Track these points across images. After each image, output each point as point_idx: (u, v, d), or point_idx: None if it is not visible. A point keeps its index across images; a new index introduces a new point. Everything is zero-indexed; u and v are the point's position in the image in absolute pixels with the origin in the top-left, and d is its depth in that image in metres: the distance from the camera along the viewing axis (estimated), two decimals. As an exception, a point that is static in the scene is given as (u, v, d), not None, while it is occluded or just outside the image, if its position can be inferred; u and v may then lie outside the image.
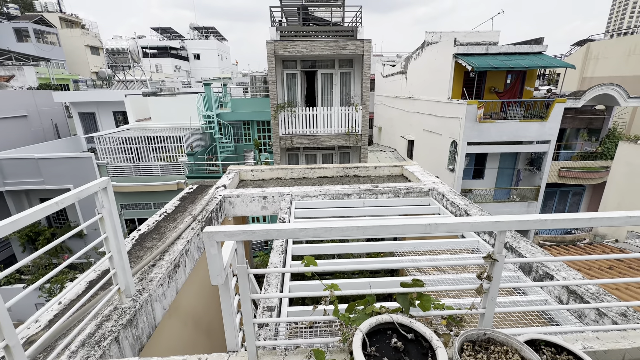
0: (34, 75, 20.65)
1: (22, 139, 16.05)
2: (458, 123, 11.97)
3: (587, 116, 14.64)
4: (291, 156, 12.07)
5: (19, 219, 1.45)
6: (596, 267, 4.82)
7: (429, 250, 3.43)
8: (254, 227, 1.34)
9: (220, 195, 4.84)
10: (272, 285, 2.69)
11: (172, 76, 32.41)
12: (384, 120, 22.17)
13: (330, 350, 1.64)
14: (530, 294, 2.62)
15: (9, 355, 1.46)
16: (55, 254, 12.45)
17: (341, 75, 11.58)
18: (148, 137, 13.17)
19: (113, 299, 2.38)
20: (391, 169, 6.43)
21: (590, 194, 15.60)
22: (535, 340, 1.56)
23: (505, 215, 1.43)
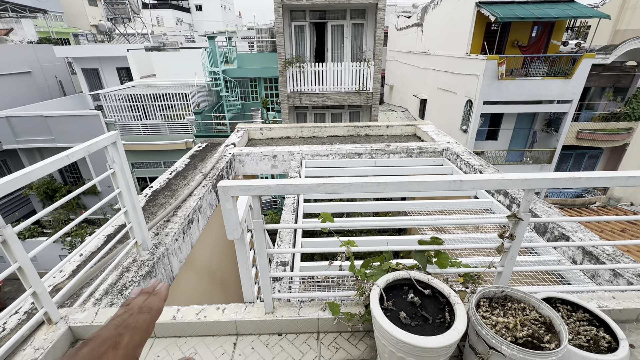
0: (32, 29, 19.90)
1: (28, 96, 15.92)
2: (475, 80, 11.33)
3: (615, 74, 13.66)
4: (299, 115, 11.77)
5: (32, 171, 1.42)
6: (608, 230, 4.79)
7: (441, 210, 3.40)
8: (270, 181, 1.28)
9: (229, 154, 4.80)
10: (285, 242, 2.73)
11: (174, 29, 30.90)
12: (395, 78, 21.16)
13: (344, 304, 1.67)
14: (543, 254, 2.61)
15: (37, 301, 1.52)
16: (72, 210, 12.95)
17: (353, 27, 10.81)
18: (154, 95, 12.92)
19: (131, 251, 2.45)
20: (404, 129, 6.23)
21: (607, 157, 15.12)
22: (550, 298, 1.56)
23: (535, 173, 1.34)
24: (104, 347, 0.37)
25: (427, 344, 1.09)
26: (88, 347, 0.38)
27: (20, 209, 13.81)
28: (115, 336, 0.39)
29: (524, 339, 1.21)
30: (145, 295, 0.48)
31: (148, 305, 0.46)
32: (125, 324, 0.42)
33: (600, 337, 1.36)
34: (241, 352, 1.54)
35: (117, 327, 0.41)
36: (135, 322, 0.42)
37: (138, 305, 0.46)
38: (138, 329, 0.41)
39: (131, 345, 0.39)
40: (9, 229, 1.35)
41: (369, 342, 1.59)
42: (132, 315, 0.43)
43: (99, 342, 0.38)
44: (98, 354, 0.36)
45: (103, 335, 0.39)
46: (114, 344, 0.38)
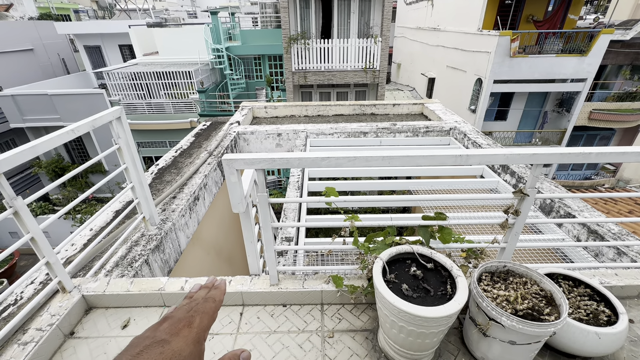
0: (32, 4, 19.52)
1: (31, 74, 15.84)
2: (486, 58, 10.95)
3: (634, 50, 13.06)
4: (304, 94, 11.58)
5: (39, 144, 1.44)
6: (615, 211, 4.74)
7: (446, 189, 3.39)
8: (274, 155, 1.28)
9: (234, 132, 4.78)
10: (290, 219, 2.76)
11: (176, 4, 30.02)
12: (403, 56, 20.53)
13: (347, 277, 1.71)
14: (547, 232, 2.61)
15: (51, 270, 1.58)
16: (81, 188, 13.19)
17: (360, 1, 10.39)
18: (157, 73, 12.75)
19: (139, 226, 2.50)
20: (410, 107, 6.11)
21: (619, 138, 14.76)
22: (553, 274, 1.57)
23: (543, 148, 1.32)
24: (181, 324, 0.44)
25: (427, 314, 1.11)
26: (167, 322, 0.44)
27: (30, 187, 14.09)
28: (188, 317, 0.46)
29: (524, 311, 1.24)
30: (206, 290, 0.55)
31: (212, 297, 0.52)
32: (195, 308, 0.48)
33: (600, 311, 1.38)
34: (247, 321, 1.60)
35: (189, 311, 0.47)
36: (203, 308, 0.49)
37: (202, 296, 0.52)
38: (206, 314, 0.48)
39: (202, 327, 0.46)
40: (19, 201, 1.38)
41: (372, 314, 1.63)
42: (199, 303, 0.50)
43: (176, 319, 0.45)
44: (177, 329, 0.43)
45: (178, 315, 0.46)
46: (189, 323, 0.45)
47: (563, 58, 10.67)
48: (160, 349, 0.39)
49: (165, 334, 0.42)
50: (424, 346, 1.26)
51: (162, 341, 0.40)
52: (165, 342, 0.40)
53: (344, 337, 1.52)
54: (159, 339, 0.40)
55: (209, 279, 0.60)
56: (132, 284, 1.71)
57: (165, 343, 0.40)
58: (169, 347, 0.40)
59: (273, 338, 1.52)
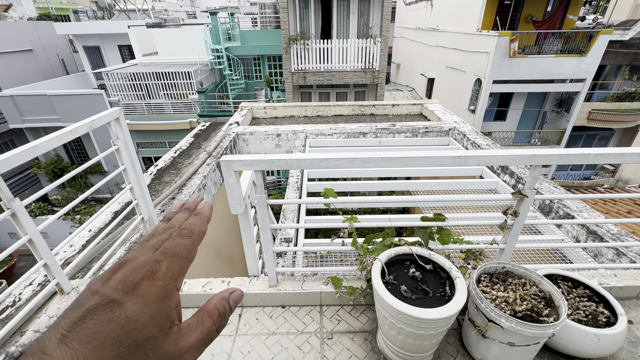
0: (32, 5, 19.50)
1: (31, 75, 15.82)
2: (485, 58, 10.96)
3: (633, 51, 13.09)
4: (304, 94, 11.58)
5: (38, 144, 1.44)
6: (614, 211, 4.75)
7: (446, 190, 3.39)
8: (273, 156, 1.28)
9: (233, 132, 4.77)
10: (289, 220, 2.76)
11: (175, 4, 30.03)
12: (403, 56, 20.55)
13: (346, 278, 1.70)
14: (547, 233, 2.61)
15: (49, 272, 1.57)
16: (81, 189, 13.17)
17: (359, 2, 10.40)
18: (156, 73, 12.74)
19: (138, 227, 2.50)
20: (410, 108, 6.11)
21: (618, 138, 14.78)
22: (552, 275, 1.57)
23: (542, 149, 1.32)
24: (140, 274, 0.32)
25: (426, 316, 1.11)
26: (122, 271, 0.32)
27: (29, 188, 14.06)
28: (152, 263, 0.33)
29: (523, 313, 1.23)
30: (186, 213, 0.40)
31: (189, 227, 0.38)
32: (163, 248, 0.35)
33: (599, 312, 1.37)
34: (246, 323, 1.60)
35: (154, 252, 0.34)
36: (174, 247, 0.35)
37: (180, 223, 0.39)
38: (177, 256, 0.35)
39: (170, 275, 0.33)
40: (17, 202, 1.37)
41: (370, 315, 1.63)
42: (171, 237, 0.36)
43: (134, 266, 0.32)
44: (133, 282, 0.31)
45: (139, 259, 0.33)
46: (151, 273, 0.32)
47: (562, 58, 10.69)
48: (109, 315, 0.29)
49: (117, 292, 0.30)
50: (422, 348, 1.26)
51: (111, 302, 0.29)
52: (116, 304, 0.29)
53: (342, 338, 1.52)
54: (108, 299, 0.29)
55: (193, 197, 0.44)
56: (131, 285, 1.71)
57: (116, 305, 0.29)
58: (122, 311, 0.29)
59: (272, 339, 1.52)
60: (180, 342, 0.33)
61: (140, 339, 0.29)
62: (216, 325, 0.36)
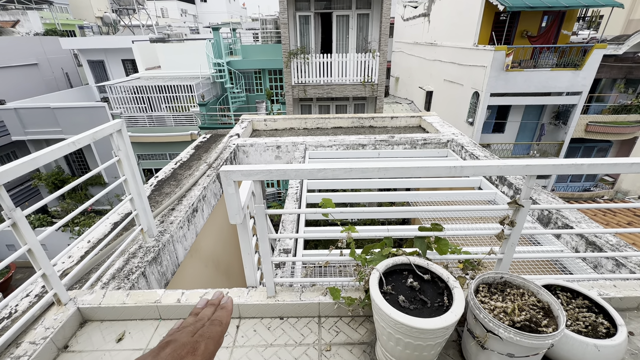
0: (38, 21, 20.00)
1: (35, 88, 16.07)
2: (482, 72, 11.16)
3: (627, 65, 13.33)
4: (304, 107, 11.73)
5: (40, 155, 1.46)
6: (614, 223, 4.74)
7: (445, 201, 3.40)
8: (271, 166, 1.30)
9: (233, 144, 4.82)
10: (288, 230, 2.76)
11: (179, 21, 30.79)
12: (401, 70, 20.90)
13: (345, 289, 1.70)
14: (546, 244, 2.60)
15: (47, 282, 1.57)
16: (81, 201, 13.17)
17: (358, 17, 10.66)
18: (159, 87, 12.95)
19: (137, 238, 2.50)
20: (408, 120, 6.18)
21: (616, 150, 14.87)
22: (551, 286, 1.57)
23: (536, 159, 1.34)
24: (184, 350, 0.40)
25: (424, 326, 1.11)
26: (170, 348, 0.40)
27: (29, 199, 14.06)
28: (193, 343, 0.41)
29: (522, 323, 1.23)
30: (212, 307, 0.50)
31: (219, 319, 0.48)
32: (200, 332, 0.44)
33: (599, 323, 1.37)
34: (244, 334, 1.58)
35: (194, 335, 0.43)
36: (209, 332, 0.44)
37: (207, 316, 0.48)
38: (212, 339, 0.44)
39: (207, 354, 0.41)
40: (18, 212, 1.39)
41: (369, 327, 1.62)
42: (205, 325, 0.46)
43: (179, 345, 0.41)
44: (179, 356, 0.39)
45: (182, 340, 0.42)
46: (193, 350, 0.40)
47: (558, 72, 10.88)
48: None
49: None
50: (421, 359, 1.25)
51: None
52: None
53: (341, 350, 1.50)
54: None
55: (216, 294, 0.55)
56: (128, 296, 1.70)
57: None
58: None
59: (269, 352, 1.50)
60: None
61: None
62: None
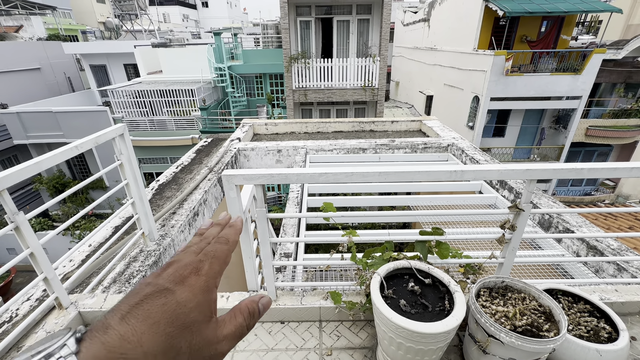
0: (42, 26, 20.16)
1: (38, 92, 16.16)
2: (482, 76, 11.21)
3: (626, 69, 13.38)
4: (305, 111, 11.78)
5: (43, 160, 1.47)
6: (615, 227, 4.73)
7: (445, 205, 3.40)
8: (273, 170, 1.31)
9: (235, 148, 4.84)
10: (289, 234, 2.76)
11: (181, 26, 31.04)
12: (401, 75, 21.01)
13: (346, 293, 1.70)
14: (547, 248, 2.60)
15: (49, 286, 1.57)
16: (82, 204, 13.18)
17: (359, 23, 10.75)
18: (160, 91, 13.02)
19: (138, 242, 2.50)
20: (409, 124, 6.20)
21: (617, 154, 14.87)
22: (552, 290, 1.57)
23: (536, 164, 1.35)
24: (187, 270, 0.37)
25: (425, 330, 1.11)
26: (172, 267, 0.38)
27: (30, 203, 14.08)
28: (196, 262, 0.39)
29: (523, 328, 1.23)
30: (218, 227, 0.47)
31: (225, 236, 0.44)
32: (205, 250, 0.41)
33: (601, 327, 1.36)
34: (244, 339, 1.58)
35: (197, 254, 0.40)
36: (214, 251, 0.41)
37: (213, 235, 0.44)
38: (217, 258, 0.41)
39: (211, 274, 0.39)
40: (21, 216, 1.39)
41: (370, 331, 1.61)
42: (210, 244, 0.42)
43: (182, 264, 0.38)
44: (182, 276, 0.37)
45: (185, 260, 0.39)
46: (196, 270, 0.38)
47: (557, 76, 10.92)
48: (162, 300, 0.34)
49: (169, 282, 0.36)
50: (423, 364, 1.24)
51: (165, 290, 0.35)
52: (169, 292, 0.35)
53: (342, 354, 1.50)
54: (162, 287, 0.35)
55: (223, 215, 0.51)
56: (129, 300, 1.70)
57: (169, 293, 0.35)
58: (173, 297, 0.34)
59: (270, 356, 1.50)
60: (218, 330, 0.37)
61: (187, 321, 0.34)
62: (246, 322, 0.39)
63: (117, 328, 0.30)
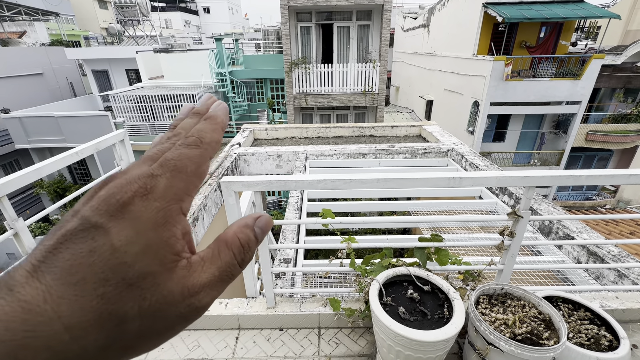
0: (45, 32, 20.35)
1: (40, 97, 16.26)
2: (482, 81, 11.25)
3: (625, 74, 13.43)
4: (305, 116, 11.82)
5: (44, 165, 1.48)
6: (617, 232, 4.71)
7: (445, 210, 3.39)
8: (272, 177, 1.31)
9: (235, 153, 4.85)
10: (288, 240, 2.75)
11: (182, 31, 31.32)
12: (401, 80, 21.11)
13: (345, 300, 1.69)
14: (547, 254, 2.59)
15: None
16: (82, 209, 13.17)
17: (359, 28, 10.84)
18: (161, 96, 13.10)
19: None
20: (409, 129, 6.22)
21: (617, 159, 14.86)
22: (552, 297, 1.56)
23: (535, 170, 1.35)
24: (129, 192, 0.24)
25: (424, 338, 1.10)
26: (110, 186, 0.24)
27: (30, 207, 14.09)
28: (145, 177, 0.25)
29: (523, 335, 1.22)
30: (196, 118, 0.31)
31: (196, 135, 0.29)
32: (162, 160, 0.26)
33: (601, 335, 1.35)
34: (243, 346, 1.57)
35: (152, 164, 0.26)
36: (177, 158, 0.26)
37: (185, 130, 0.30)
38: (181, 171, 0.26)
39: (170, 193, 0.25)
40: (20, 222, 1.40)
41: (369, 338, 1.60)
42: (174, 147, 0.27)
43: (122, 182, 0.24)
44: (120, 202, 0.23)
45: (130, 174, 0.25)
46: (144, 190, 0.24)
47: (557, 81, 10.96)
48: (89, 243, 0.22)
49: (99, 214, 0.23)
50: (422, 372, 1.23)
51: (92, 227, 0.22)
52: (99, 230, 0.22)
53: (341, 362, 1.49)
54: (89, 222, 0.22)
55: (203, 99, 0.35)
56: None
57: (99, 231, 0.22)
58: (106, 239, 0.22)
59: (269, 363, 1.49)
60: (190, 279, 0.25)
61: (132, 275, 0.22)
62: (238, 259, 0.27)
63: (23, 290, 0.20)
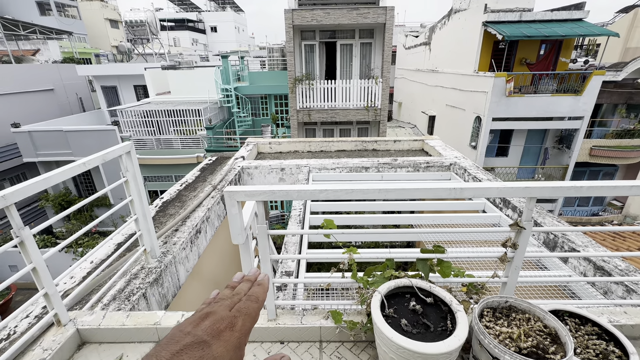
0: (58, 49, 21.06)
1: (50, 112, 16.66)
2: (484, 97, 11.37)
3: (627, 90, 13.52)
4: (308, 131, 11.96)
5: (52, 175, 1.51)
6: (624, 248, 4.63)
7: (449, 224, 3.37)
8: (274, 187, 1.33)
9: (238, 167, 4.89)
10: (290, 252, 2.74)
11: (190, 49, 32.24)
12: (404, 96, 21.40)
13: (347, 312, 1.67)
14: (553, 268, 2.55)
15: (49, 302, 1.57)
16: (86, 222, 13.23)
17: (361, 46, 11.10)
18: (168, 111, 13.36)
19: (140, 259, 2.50)
20: (411, 143, 6.26)
21: (622, 174, 14.74)
22: (558, 311, 1.53)
23: (537, 182, 1.36)
24: (223, 324, 0.39)
25: (426, 350, 1.08)
26: (209, 320, 0.39)
27: (35, 220, 14.17)
28: (231, 317, 0.40)
29: (529, 349, 1.19)
30: (248, 283, 0.49)
31: (255, 295, 0.46)
32: (238, 307, 0.43)
33: (610, 351, 1.32)
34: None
35: (231, 309, 0.42)
36: (246, 308, 0.43)
37: (244, 291, 0.47)
38: (249, 315, 0.42)
39: (244, 330, 0.40)
40: (27, 231, 1.42)
41: (372, 353, 1.57)
42: (242, 301, 0.44)
43: (218, 318, 0.40)
44: (219, 330, 0.38)
45: (221, 313, 0.41)
46: (231, 325, 0.39)
47: (558, 97, 11.05)
48: (200, 352, 0.35)
49: (207, 335, 0.37)
50: (425, 387, 1.20)
51: (203, 342, 0.36)
52: (206, 345, 0.36)
53: (343, 377, 1.46)
54: (200, 339, 0.37)
55: (252, 270, 0.53)
56: (128, 317, 1.68)
57: (206, 345, 0.36)
58: (210, 351, 0.36)
59: (269, 378, 1.46)
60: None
61: None
62: None
63: None
